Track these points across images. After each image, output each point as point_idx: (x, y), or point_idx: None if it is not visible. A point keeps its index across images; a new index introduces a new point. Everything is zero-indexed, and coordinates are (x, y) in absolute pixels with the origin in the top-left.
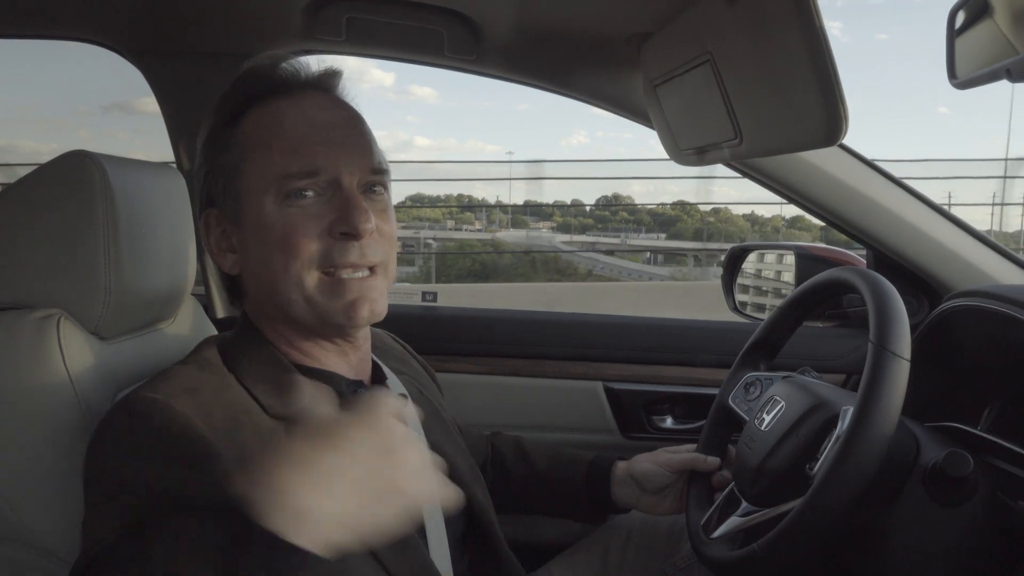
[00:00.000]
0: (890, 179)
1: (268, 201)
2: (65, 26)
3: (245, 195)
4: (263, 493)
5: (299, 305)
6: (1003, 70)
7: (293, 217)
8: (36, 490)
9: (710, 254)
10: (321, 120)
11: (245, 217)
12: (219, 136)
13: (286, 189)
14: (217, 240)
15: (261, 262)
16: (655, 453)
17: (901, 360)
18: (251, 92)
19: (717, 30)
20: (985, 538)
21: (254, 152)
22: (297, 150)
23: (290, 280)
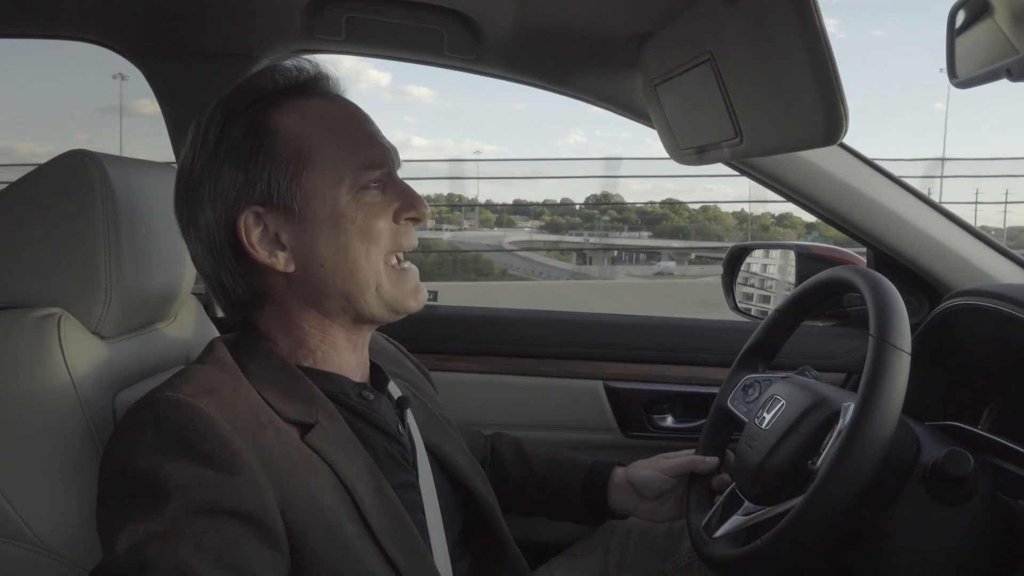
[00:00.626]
0: (890, 178)
1: (343, 193)
2: (65, 26)
3: (313, 192)
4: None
5: (370, 293)
6: (1003, 69)
7: (370, 207)
8: (36, 489)
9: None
10: (361, 117)
11: (315, 210)
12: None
13: (361, 181)
14: (259, 239)
15: (339, 253)
16: (653, 459)
17: (902, 353)
18: (281, 88)
19: (717, 30)
20: (985, 537)
21: (315, 150)
22: (363, 144)
23: (370, 267)
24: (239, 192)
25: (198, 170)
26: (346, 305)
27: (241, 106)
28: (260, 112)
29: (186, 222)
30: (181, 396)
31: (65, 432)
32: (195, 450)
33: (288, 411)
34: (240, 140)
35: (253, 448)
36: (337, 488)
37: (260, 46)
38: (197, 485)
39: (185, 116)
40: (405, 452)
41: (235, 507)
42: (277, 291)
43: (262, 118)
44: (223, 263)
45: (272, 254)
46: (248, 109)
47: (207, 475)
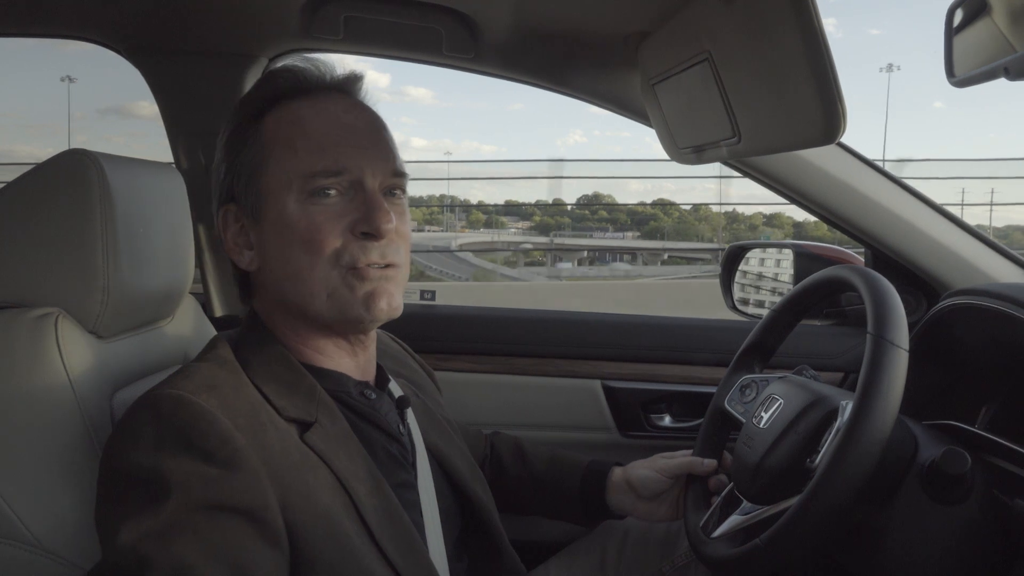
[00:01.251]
0: (888, 177)
1: (291, 199)
2: (65, 24)
3: (267, 192)
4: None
5: (320, 301)
6: (1001, 68)
7: (316, 215)
8: (34, 488)
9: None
10: (346, 122)
11: (266, 214)
12: (241, 133)
13: (310, 187)
14: (234, 236)
15: (283, 259)
16: (651, 459)
17: (900, 350)
18: (276, 91)
19: (715, 29)
20: (982, 536)
21: (277, 150)
22: (322, 149)
23: (314, 277)
24: (221, 187)
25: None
26: (298, 311)
27: (248, 103)
28: (259, 111)
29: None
30: (182, 393)
31: (62, 432)
32: (196, 447)
33: (288, 408)
34: (231, 137)
35: (254, 446)
36: (335, 487)
37: (258, 45)
38: (198, 482)
39: (183, 115)
40: (405, 452)
41: (236, 504)
42: (260, 289)
43: (257, 118)
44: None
45: (240, 251)
46: (250, 107)
47: (208, 472)
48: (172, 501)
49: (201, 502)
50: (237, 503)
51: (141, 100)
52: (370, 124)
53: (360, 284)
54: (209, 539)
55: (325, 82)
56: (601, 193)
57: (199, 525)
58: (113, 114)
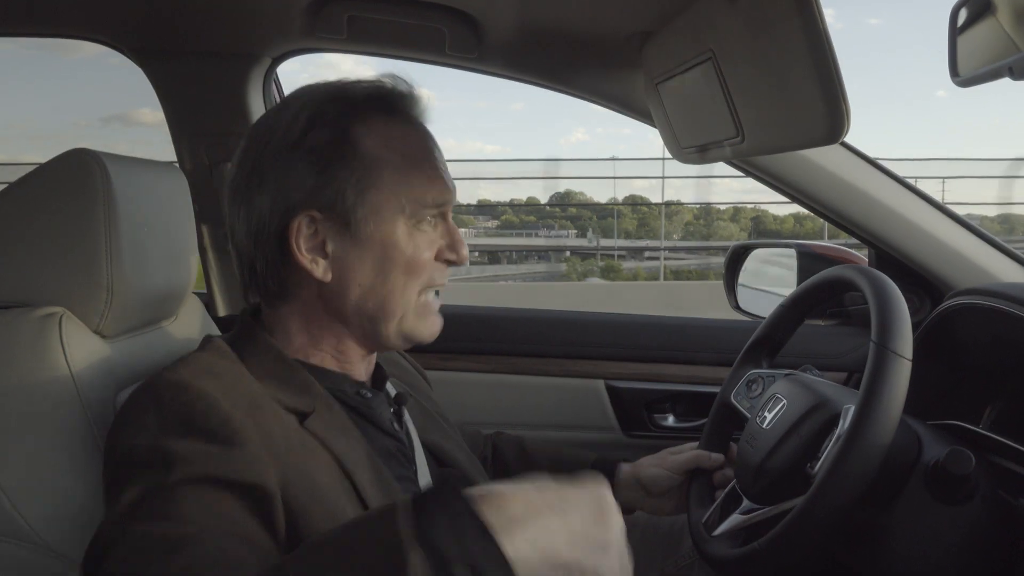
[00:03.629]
0: (892, 177)
1: (399, 223)
2: (69, 25)
3: (373, 212)
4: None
5: (393, 323)
6: (1005, 68)
7: (420, 242)
8: (38, 488)
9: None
10: (436, 151)
11: (369, 232)
12: (331, 140)
13: (419, 215)
14: (306, 242)
15: (379, 279)
16: (659, 456)
17: (902, 360)
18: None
19: (719, 28)
20: (987, 536)
21: (385, 170)
22: (431, 179)
23: (405, 299)
24: (306, 192)
25: (272, 154)
26: (368, 327)
27: (332, 109)
28: (349, 121)
29: (240, 196)
30: (181, 377)
31: (66, 431)
32: (198, 427)
33: (286, 399)
34: (323, 144)
35: (254, 427)
36: (336, 471)
37: (262, 46)
38: (200, 458)
39: (187, 115)
40: (403, 448)
41: (237, 479)
42: (306, 294)
43: (348, 129)
44: (263, 250)
45: (314, 260)
46: (338, 116)
47: (210, 449)
48: (175, 473)
49: (203, 476)
50: (238, 479)
51: (143, 107)
52: (441, 154)
53: (426, 313)
54: (211, 506)
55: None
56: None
57: (201, 493)
58: (116, 121)
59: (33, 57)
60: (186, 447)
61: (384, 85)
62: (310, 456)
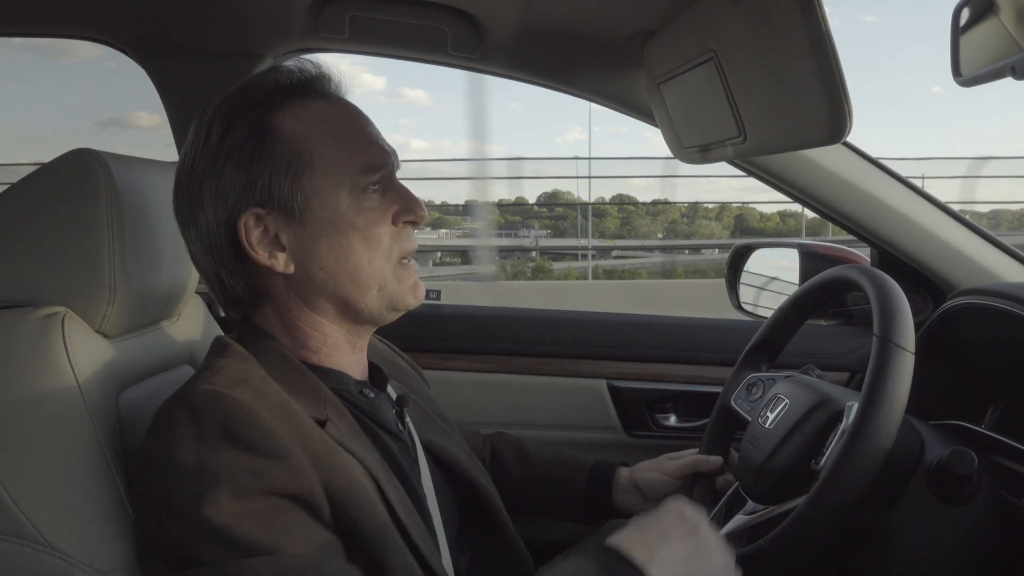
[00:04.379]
0: (894, 177)
1: (343, 196)
2: (70, 24)
3: (315, 192)
4: None
5: (372, 294)
6: (1008, 67)
7: (370, 211)
8: (41, 488)
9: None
10: (362, 118)
11: (316, 213)
12: (250, 133)
13: (361, 184)
14: (259, 240)
15: (340, 256)
16: (658, 461)
17: (906, 353)
18: (284, 89)
19: (721, 28)
20: (989, 536)
21: (316, 149)
22: (364, 146)
23: (372, 271)
24: (240, 193)
25: (200, 169)
26: (344, 307)
27: (244, 107)
28: (263, 113)
29: (185, 220)
30: (217, 388)
31: (69, 431)
32: (239, 439)
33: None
34: (243, 141)
35: (292, 433)
36: (362, 471)
37: (264, 45)
38: (246, 473)
39: (189, 115)
40: (407, 449)
41: (287, 491)
42: (276, 291)
43: (265, 119)
44: (222, 262)
45: (272, 255)
46: (251, 110)
47: (253, 463)
48: (224, 493)
49: (253, 491)
50: (286, 491)
51: (140, 111)
52: (370, 120)
53: (406, 277)
54: (271, 522)
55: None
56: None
57: (258, 511)
58: (114, 125)
59: (29, 61)
60: (231, 462)
61: (291, 69)
62: (338, 458)
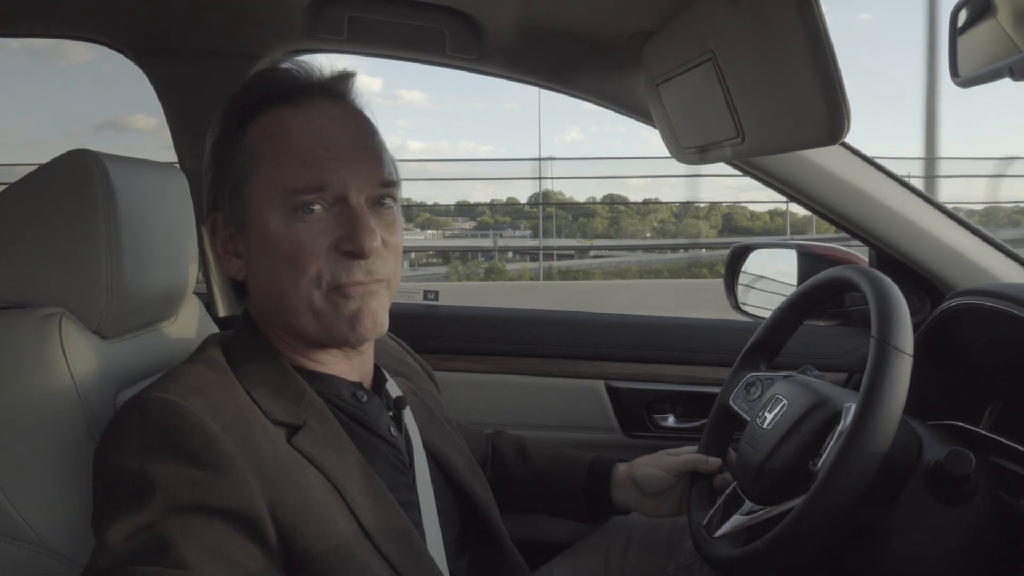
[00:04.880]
0: (892, 177)
1: (274, 214)
2: (69, 25)
3: (251, 205)
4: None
5: (306, 319)
6: (1005, 68)
7: (300, 233)
8: (38, 488)
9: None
10: (330, 131)
11: (251, 227)
12: (227, 141)
13: (292, 203)
14: (224, 243)
15: (268, 275)
16: (656, 456)
17: (904, 355)
18: (260, 97)
19: (719, 29)
20: (987, 536)
21: (261, 162)
22: (305, 164)
23: (298, 295)
24: (209, 195)
25: (205, 164)
26: (292, 323)
27: (233, 108)
28: (242, 118)
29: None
30: (169, 396)
31: (66, 432)
32: (182, 450)
33: (276, 411)
34: (217, 143)
35: (241, 447)
36: (326, 487)
37: (263, 46)
38: (184, 484)
39: (187, 115)
40: (399, 453)
41: (222, 505)
42: (254, 295)
43: (241, 124)
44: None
45: (229, 260)
46: (234, 113)
47: (193, 475)
48: (157, 501)
49: (187, 503)
50: (223, 505)
51: (137, 113)
52: (357, 132)
53: (344, 303)
54: (197, 536)
55: (311, 84)
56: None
57: (186, 523)
58: (110, 128)
59: (24, 65)
60: (170, 472)
61: (277, 76)
62: (300, 473)
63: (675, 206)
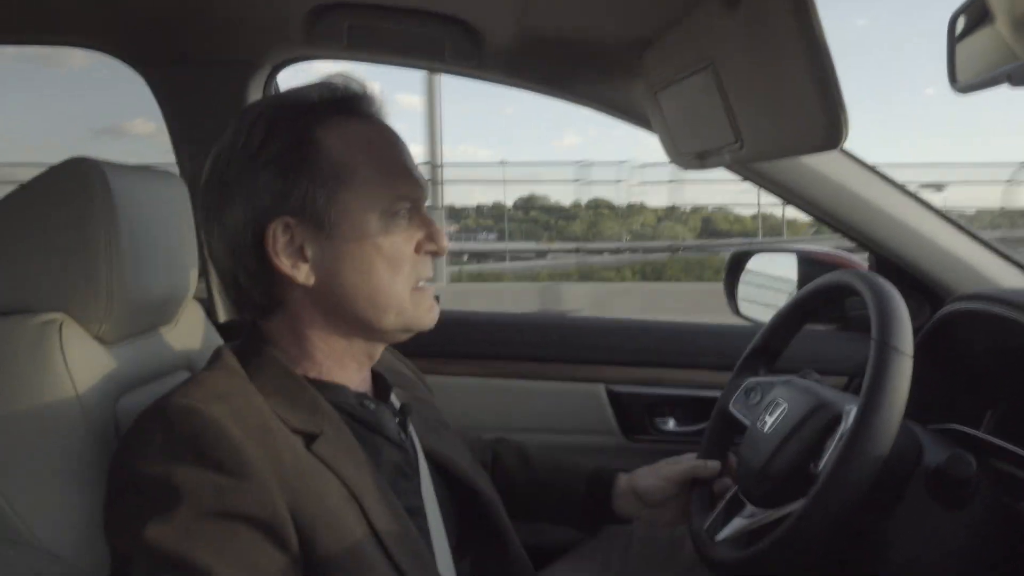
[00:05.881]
0: (890, 183)
1: (374, 219)
2: (69, 33)
3: (348, 210)
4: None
5: (390, 315)
6: (1004, 75)
7: (397, 236)
8: (39, 493)
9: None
10: (400, 144)
11: (344, 231)
12: (293, 143)
13: (392, 209)
14: (284, 248)
15: (363, 275)
16: (656, 467)
17: (904, 356)
18: (330, 105)
19: (718, 37)
20: (988, 540)
21: (358, 171)
22: (402, 174)
23: (393, 292)
24: (274, 200)
25: (236, 168)
26: (361, 323)
27: (288, 115)
28: (307, 125)
29: (211, 216)
30: (191, 402)
31: (66, 436)
32: (206, 456)
33: (293, 420)
34: (284, 149)
35: (264, 454)
36: (345, 495)
37: (262, 54)
38: (209, 491)
39: (188, 123)
40: (409, 459)
41: (247, 512)
42: (293, 301)
43: (308, 131)
44: (242, 264)
45: (295, 265)
46: (295, 120)
47: (218, 481)
48: (183, 509)
49: (212, 510)
50: (247, 512)
51: (136, 118)
52: (407, 149)
53: (422, 300)
54: (223, 544)
55: (375, 105)
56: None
57: (212, 531)
58: (107, 134)
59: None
60: (195, 478)
61: (337, 86)
62: (319, 480)
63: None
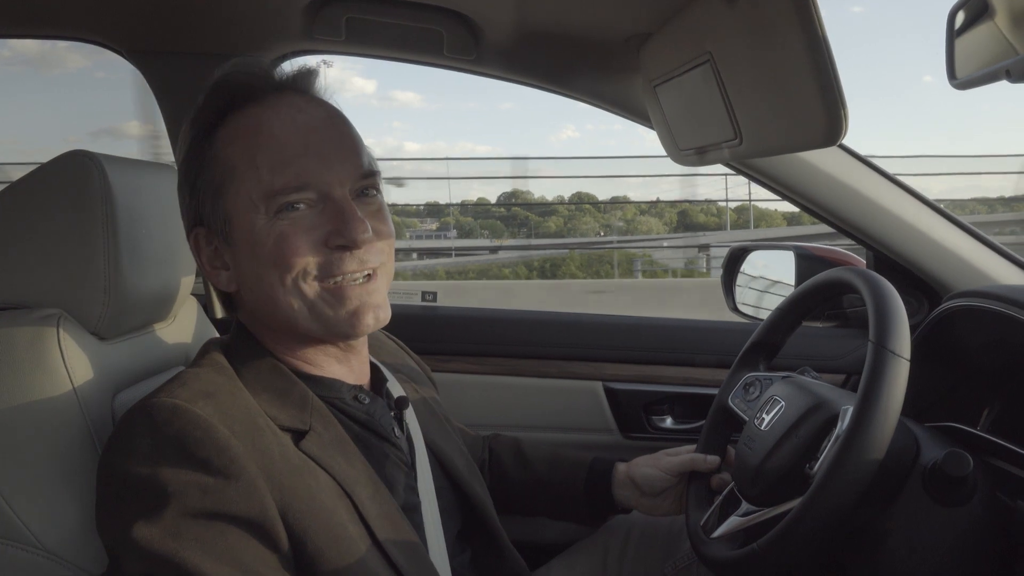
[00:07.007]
0: (889, 179)
1: (258, 218)
2: (66, 26)
3: (233, 214)
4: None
5: (303, 316)
6: (1003, 70)
7: (285, 231)
8: (36, 490)
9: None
10: (303, 126)
11: (236, 236)
12: (197, 153)
13: (276, 205)
14: (210, 258)
15: (256, 279)
16: (655, 456)
17: (901, 359)
18: (225, 101)
19: (717, 30)
20: (984, 538)
21: (237, 170)
22: (283, 164)
23: (288, 294)
24: (188, 211)
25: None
26: (287, 327)
27: (198, 120)
28: (208, 130)
29: None
30: (177, 401)
31: (64, 433)
32: (192, 456)
33: (282, 417)
34: (187, 159)
35: (252, 452)
36: (337, 492)
37: (261, 47)
38: (195, 491)
39: (184, 116)
40: (402, 454)
41: (235, 511)
42: (247, 304)
43: (209, 137)
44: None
45: (218, 273)
46: (199, 124)
47: (205, 481)
48: (170, 509)
49: (199, 510)
50: (235, 511)
51: (133, 120)
52: (329, 124)
53: (341, 304)
54: (211, 544)
55: (274, 83)
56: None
57: (199, 531)
58: (106, 136)
59: (19, 74)
60: (181, 478)
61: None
62: (309, 476)
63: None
